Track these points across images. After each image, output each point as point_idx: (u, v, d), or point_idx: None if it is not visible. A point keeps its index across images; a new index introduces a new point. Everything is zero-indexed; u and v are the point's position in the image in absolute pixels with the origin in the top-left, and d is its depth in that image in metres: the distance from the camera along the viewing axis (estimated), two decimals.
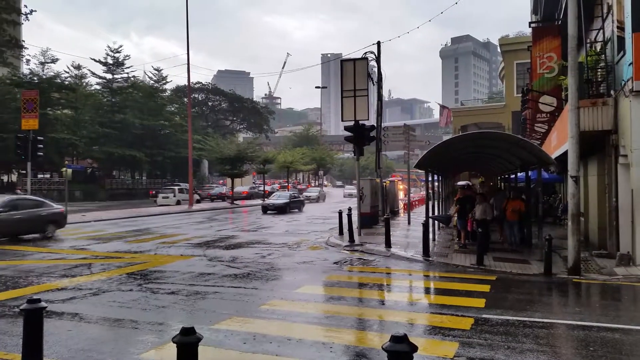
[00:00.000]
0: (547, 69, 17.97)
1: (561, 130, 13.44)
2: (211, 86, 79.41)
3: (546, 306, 8.51)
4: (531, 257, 12.77)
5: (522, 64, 31.73)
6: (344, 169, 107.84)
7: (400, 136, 23.37)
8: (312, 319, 7.35)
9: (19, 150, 22.75)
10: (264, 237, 17.97)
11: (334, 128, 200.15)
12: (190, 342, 3.49)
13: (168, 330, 6.64)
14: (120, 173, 61.50)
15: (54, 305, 7.88)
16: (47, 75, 48.49)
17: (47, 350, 4.94)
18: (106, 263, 12.25)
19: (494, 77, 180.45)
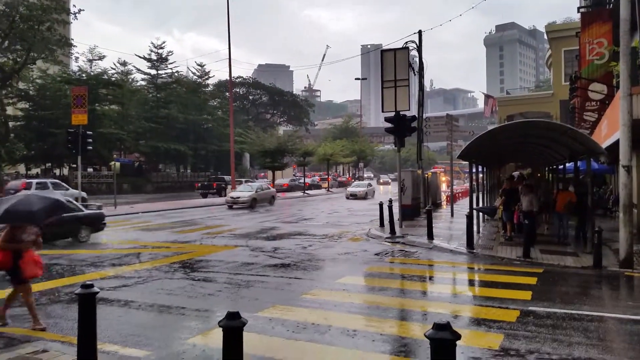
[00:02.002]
0: (597, 55, 17.26)
1: (612, 118, 12.90)
2: (252, 80, 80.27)
3: (596, 299, 8.24)
4: (580, 250, 12.36)
5: (570, 51, 30.61)
6: (384, 161, 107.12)
7: (442, 127, 22.99)
8: (353, 309, 7.37)
9: (70, 144, 23.71)
10: (305, 228, 18.10)
11: (374, 120, 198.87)
12: (235, 326, 3.58)
13: (213, 317, 6.81)
14: (166, 167, 63.14)
15: (105, 292, 8.21)
16: (94, 72, 50.24)
17: (100, 335, 5.16)
18: (154, 253, 12.65)
19: (540, 66, 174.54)
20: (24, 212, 6.22)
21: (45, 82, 46.00)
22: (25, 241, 6.43)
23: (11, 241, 6.38)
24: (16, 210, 6.21)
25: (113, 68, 55.19)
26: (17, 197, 6.55)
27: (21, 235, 6.41)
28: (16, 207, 6.24)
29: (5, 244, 6.37)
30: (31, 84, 45.83)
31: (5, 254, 6.34)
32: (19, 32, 37.73)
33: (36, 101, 45.60)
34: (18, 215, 6.27)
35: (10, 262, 6.35)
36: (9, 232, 6.41)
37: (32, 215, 6.22)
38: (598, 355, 5.45)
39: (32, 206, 6.26)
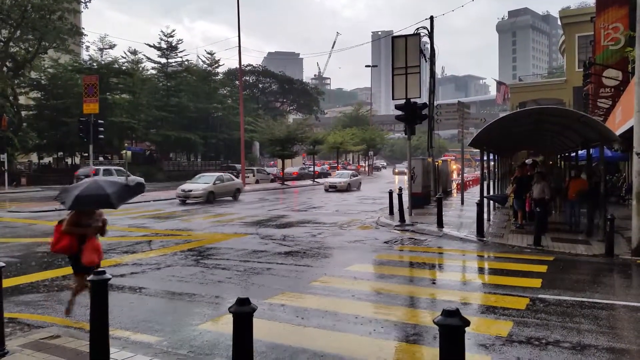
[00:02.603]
0: (612, 40, 16.99)
1: (627, 105, 12.70)
2: (261, 68, 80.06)
3: (607, 287, 8.18)
4: (592, 238, 12.26)
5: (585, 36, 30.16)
6: (394, 149, 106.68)
7: (453, 114, 22.79)
8: (362, 296, 7.40)
9: (82, 133, 23.89)
10: (315, 216, 18.14)
11: (384, 108, 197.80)
12: (245, 312, 3.60)
13: (224, 303, 6.87)
14: (177, 155, 63.44)
15: (117, 279, 8.31)
16: (105, 61, 50.39)
17: (112, 321, 5.23)
18: (165, 240, 12.76)
19: (554, 52, 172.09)
20: (98, 195, 5.96)
21: (57, 71, 46.22)
22: (91, 227, 6.24)
23: (76, 226, 6.17)
24: (89, 195, 5.93)
25: (123, 57, 55.29)
26: (84, 184, 6.22)
27: (87, 220, 6.21)
28: (87, 192, 5.96)
29: (71, 227, 6.15)
30: (43, 73, 46.09)
31: (71, 238, 6.15)
32: (31, 22, 37.93)
33: (48, 90, 45.88)
34: (91, 200, 5.99)
35: (76, 247, 6.16)
36: (75, 216, 6.19)
37: (107, 198, 5.96)
38: (608, 342, 5.42)
39: (105, 190, 6.01)
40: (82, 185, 6.17)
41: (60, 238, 6.15)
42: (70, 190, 6.13)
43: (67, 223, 6.16)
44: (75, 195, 5.88)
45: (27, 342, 5.24)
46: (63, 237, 6.13)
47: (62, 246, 6.16)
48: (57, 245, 6.19)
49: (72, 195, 5.94)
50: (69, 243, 6.14)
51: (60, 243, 6.15)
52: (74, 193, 5.96)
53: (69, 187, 6.33)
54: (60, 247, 6.18)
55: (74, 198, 5.87)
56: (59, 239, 6.16)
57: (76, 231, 6.16)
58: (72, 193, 6.00)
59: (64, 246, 6.15)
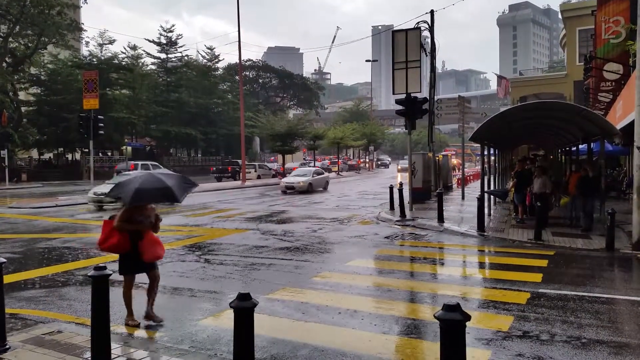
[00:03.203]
0: (614, 34, 16.94)
1: (627, 99, 12.67)
2: (261, 63, 79.89)
3: (607, 281, 8.18)
4: (592, 232, 12.26)
5: (585, 30, 30.10)
6: (395, 144, 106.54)
7: (454, 108, 22.75)
8: (363, 291, 7.40)
9: (82, 129, 23.89)
10: (315, 212, 18.14)
11: (385, 103, 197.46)
12: (246, 307, 3.60)
13: (225, 299, 6.88)
14: (177, 151, 63.44)
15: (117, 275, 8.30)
16: (105, 57, 50.30)
17: (113, 316, 5.23)
18: (165, 236, 12.75)
19: (554, 46, 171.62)
20: (160, 189, 5.60)
21: (57, 66, 46.16)
22: (143, 223, 5.87)
23: (128, 222, 5.80)
24: (149, 189, 5.57)
25: (123, 52, 55.22)
26: (140, 177, 5.77)
27: (138, 216, 5.84)
28: (147, 185, 5.58)
29: (123, 224, 5.77)
30: (42, 68, 46.02)
31: (122, 236, 5.77)
32: (30, 17, 37.85)
33: (48, 86, 45.83)
34: (152, 193, 5.65)
35: (129, 244, 5.80)
36: (126, 212, 5.80)
37: (169, 191, 5.59)
38: (608, 337, 5.43)
39: (165, 182, 5.65)
40: (138, 179, 5.74)
41: (110, 235, 5.79)
42: (125, 185, 5.72)
43: (119, 219, 5.79)
44: (134, 189, 5.51)
45: (29, 338, 5.25)
46: (113, 234, 5.78)
47: (112, 244, 5.80)
48: (106, 243, 5.83)
49: (129, 189, 5.57)
50: (119, 240, 5.78)
51: (110, 240, 5.80)
52: (131, 187, 5.58)
53: (122, 182, 5.89)
54: (110, 245, 5.83)
55: (133, 192, 5.51)
56: (109, 236, 5.81)
57: (129, 227, 5.80)
58: (128, 187, 5.61)
59: (114, 244, 5.79)
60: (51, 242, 11.90)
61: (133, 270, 5.99)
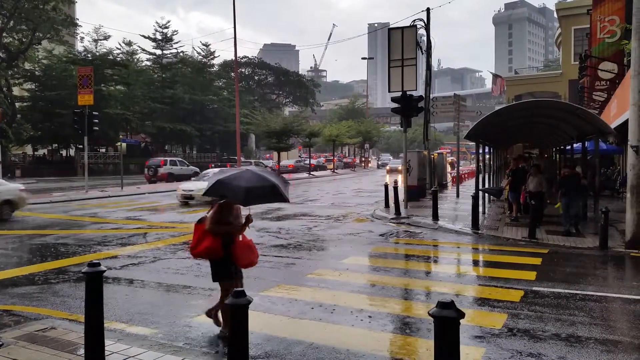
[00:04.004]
0: (609, 33, 17.01)
1: (622, 98, 12.73)
2: (257, 60, 79.71)
3: (600, 280, 8.23)
4: (586, 231, 12.32)
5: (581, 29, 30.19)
6: (390, 142, 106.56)
7: (449, 106, 22.79)
8: (357, 288, 7.41)
9: (76, 125, 23.78)
10: (310, 209, 18.14)
11: (381, 100, 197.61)
12: (241, 304, 3.60)
13: (219, 296, 6.86)
14: (172, 147, 63.26)
15: (111, 271, 8.30)
16: (100, 52, 50.05)
17: (107, 313, 5.22)
18: (160, 232, 12.74)
19: (550, 45, 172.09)
20: (267, 187, 5.05)
21: (51, 62, 45.90)
22: (234, 224, 5.37)
23: (220, 223, 5.28)
24: (256, 187, 5.00)
25: (118, 48, 55.06)
26: (240, 175, 5.14)
27: (228, 216, 5.33)
28: (254, 184, 5.00)
29: (216, 226, 5.24)
30: (37, 64, 45.78)
31: (215, 239, 5.23)
32: (24, 12, 37.62)
33: (42, 82, 45.59)
34: (261, 193, 5.08)
35: (221, 248, 5.25)
36: (217, 213, 5.30)
37: (277, 190, 5.05)
38: (601, 334, 5.46)
39: (270, 179, 5.12)
40: (240, 177, 5.09)
41: (202, 239, 5.28)
42: (229, 183, 5.05)
43: (211, 221, 5.25)
44: (244, 189, 4.89)
45: (22, 334, 5.23)
46: (205, 237, 5.26)
47: (206, 248, 5.26)
48: (199, 248, 5.32)
49: (237, 188, 4.94)
50: (213, 244, 5.24)
51: (203, 245, 5.28)
52: (238, 186, 4.95)
53: (221, 179, 5.18)
54: (203, 250, 5.30)
55: (244, 192, 4.88)
56: (201, 240, 5.30)
57: (223, 230, 5.28)
58: (235, 186, 4.98)
59: (208, 248, 5.25)
60: (45, 239, 11.85)
61: (230, 276, 5.43)
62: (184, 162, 38.81)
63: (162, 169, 35.43)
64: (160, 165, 35.70)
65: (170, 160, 37.92)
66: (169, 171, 35.59)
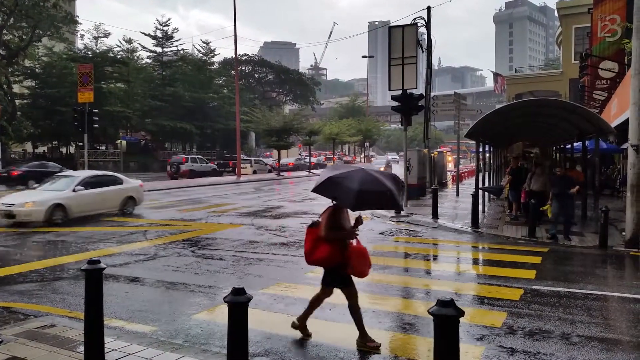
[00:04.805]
0: (609, 32, 16.99)
1: (622, 97, 12.73)
2: (257, 58, 79.59)
3: (600, 279, 8.24)
4: (586, 230, 12.32)
5: (582, 28, 30.18)
6: (390, 140, 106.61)
7: (450, 105, 22.78)
8: (357, 287, 7.39)
9: (76, 122, 23.73)
10: (310, 207, 18.13)
11: (381, 99, 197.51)
12: (241, 302, 3.60)
13: (219, 293, 6.88)
14: (172, 145, 63.20)
15: (111, 269, 8.30)
16: (100, 50, 49.95)
17: (107, 310, 5.22)
18: (160, 230, 12.74)
19: (550, 44, 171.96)
20: (383, 193, 4.59)
21: (51, 59, 45.82)
22: (347, 229, 5.01)
23: (334, 228, 4.90)
24: (371, 192, 4.57)
25: (118, 46, 54.91)
26: (354, 174, 4.71)
27: (341, 220, 4.97)
28: (368, 187, 4.56)
29: (331, 232, 4.87)
30: (37, 61, 45.69)
31: (332, 246, 4.88)
32: (25, 9, 37.54)
33: (42, 79, 45.50)
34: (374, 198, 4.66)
35: (340, 255, 4.88)
36: (332, 218, 4.90)
37: (391, 196, 4.60)
38: (601, 333, 5.46)
39: (385, 184, 4.62)
40: (353, 176, 4.66)
41: (317, 246, 4.93)
42: (339, 184, 4.68)
43: (327, 226, 4.88)
44: (355, 191, 4.50)
45: (22, 331, 5.23)
46: (321, 244, 4.90)
47: (324, 257, 4.91)
48: (316, 255, 4.96)
49: (348, 190, 4.56)
50: (331, 251, 4.87)
51: (319, 252, 4.92)
52: (350, 187, 4.56)
53: (332, 177, 4.83)
54: (320, 258, 4.94)
55: (355, 195, 4.50)
56: (316, 247, 4.94)
57: (340, 235, 4.92)
58: (346, 187, 4.60)
59: (327, 256, 4.90)
60: (45, 236, 11.85)
61: (346, 283, 5.13)
62: (203, 159, 40.55)
63: (184, 166, 36.97)
64: (182, 162, 37.50)
65: (191, 157, 39.72)
66: (191, 168, 37.21)
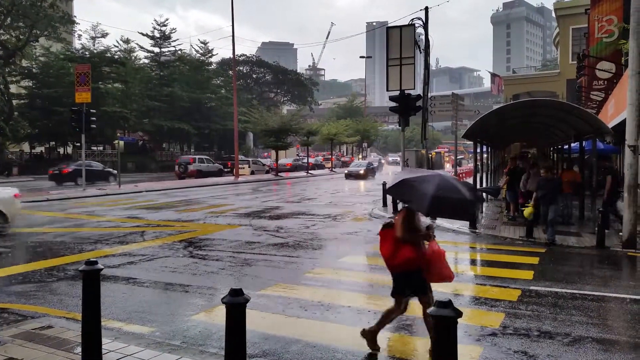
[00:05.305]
0: (606, 32, 17.03)
1: (620, 97, 12.76)
2: (255, 58, 79.57)
3: (597, 279, 8.25)
4: (583, 230, 12.35)
5: (579, 29, 30.26)
6: (388, 140, 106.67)
7: (447, 106, 22.84)
8: (355, 287, 7.42)
9: (74, 122, 23.72)
10: (308, 208, 18.13)
11: (379, 99, 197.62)
12: (238, 303, 3.59)
13: (217, 294, 6.86)
14: (170, 145, 63.13)
15: (109, 270, 8.28)
16: (98, 50, 49.87)
17: (104, 311, 5.21)
18: (158, 231, 12.72)
19: (547, 44, 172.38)
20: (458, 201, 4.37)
21: (49, 59, 45.70)
22: (422, 231, 4.77)
23: (411, 230, 4.68)
24: (447, 198, 4.33)
25: (116, 46, 54.83)
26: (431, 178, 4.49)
27: (416, 221, 4.74)
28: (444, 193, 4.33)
29: (408, 234, 4.65)
30: (34, 61, 45.56)
31: (413, 248, 4.66)
32: (22, 9, 37.46)
33: (40, 79, 45.38)
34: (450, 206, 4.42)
35: (418, 258, 4.68)
36: (407, 219, 4.68)
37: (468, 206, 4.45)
38: (598, 334, 5.48)
39: (462, 192, 4.40)
40: (431, 181, 4.44)
41: (399, 249, 4.67)
42: (415, 186, 4.48)
43: (403, 228, 4.66)
44: (430, 197, 4.29)
45: (19, 333, 5.22)
46: (402, 246, 4.66)
47: (410, 257, 4.64)
48: (398, 259, 4.69)
49: (423, 194, 4.35)
50: (413, 255, 4.63)
51: (403, 255, 4.65)
52: (425, 191, 4.36)
53: (408, 179, 4.66)
54: (407, 259, 4.66)
55: (430, 200, 4.28)
56: (398, 250, 4.68)
57: (414, 238, 4.70)
58: (421, 191, 4.40)
59: (412, 257, 4.64)
60: (42, 237, 11.82)
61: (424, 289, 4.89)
62: (210, 159, 41.57)
63: (192, 166, 37.37)
64: (189, 162, 38.06)
65: (198, 158, 40.31)
66: (198, 168, 37.62)
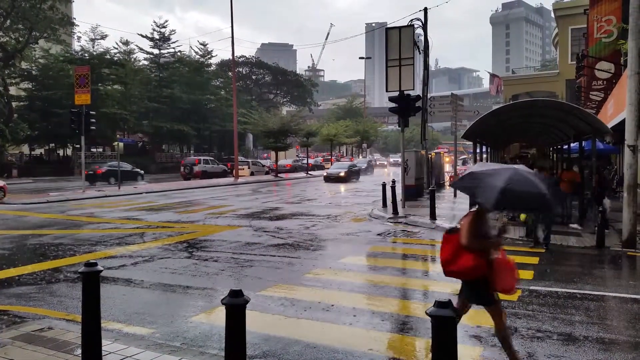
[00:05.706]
0: (605, 33, 17.04)
1: (619, 97, 12.77)
2: (255, 60, 79.56)
3: (597, 279, 8.25)
4: (583, 230, 12.35)
5: (578, 29, 30.30)
6: (388, 141, 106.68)
7: (447, 106, 22.85)
8: (355, 288, 7.41)
9: (73, 124, 23.71)
10: (308, 208, 18.13)
11: (378, 100, 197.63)
12: (238, 304, 3.59)
13: (217, 295, 6.86)
14: (169, 147, 63.12)
15: (109, 271, 8.27)
16: (97, 52, 49.87)
17: (104, 313, 5.21)
18: (157, 232, 12.72)
19: (547, 45, 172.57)
20: (535, 195, 4.11)
21: (48, 61, 45.72)
22: (492, 237, 4.40)
23: (477, 237, 4.29)
24: (522, 192, 4.06)
25: (115, 47, 54.86)
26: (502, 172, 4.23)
27: (484, 226, 4.37)
28: (517, 187, 4.05)
29: (475, 241, 4.26)
30: (34, 63, 45.58)
31: (476, 256, 4.25)
32: (21, 11, 37.46)
33: (39, 81, 45.39)
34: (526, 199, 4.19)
35: (485, 266, 4.27)
36: (473, 222, 4.30)
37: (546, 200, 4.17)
38: (598, 333, 5.48)
39: (538, 187, 4.12)
40: (501, 174, 4.17)
41: (460, 254, 4.31)
42: (482, 180, 4.22)
43: (468, 234, 4.27)
44: (500, 189, 4.00)
45: (19, 335, 5.22)
46: (464, 253, 4.28)
47: (469, 266, 4.25)
48: (458, 264, 4.32)
49: (493, 187, 4.06)
50: (478, 261, 4.24)
51: (463, 261, 4.28)
52: (494, 184, 4.07)
53: (476, 171, 4.45)
54: (466, 267, 4.27)
55: (498, 193, 3.99)
56: (458, 255, 4.32)
57: (481, 245, 4.29)
58: (489, 183, 4.12)
59: (472, 266, 4.25)
60: (42, 239, 11.82)
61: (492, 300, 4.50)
62: (215, 160, 42.66)
63: (197, 167, 37.80)
64: (195, 163, 38.63)
65: (203, 159, 41.17)
66: (203, 169, 38.11)
